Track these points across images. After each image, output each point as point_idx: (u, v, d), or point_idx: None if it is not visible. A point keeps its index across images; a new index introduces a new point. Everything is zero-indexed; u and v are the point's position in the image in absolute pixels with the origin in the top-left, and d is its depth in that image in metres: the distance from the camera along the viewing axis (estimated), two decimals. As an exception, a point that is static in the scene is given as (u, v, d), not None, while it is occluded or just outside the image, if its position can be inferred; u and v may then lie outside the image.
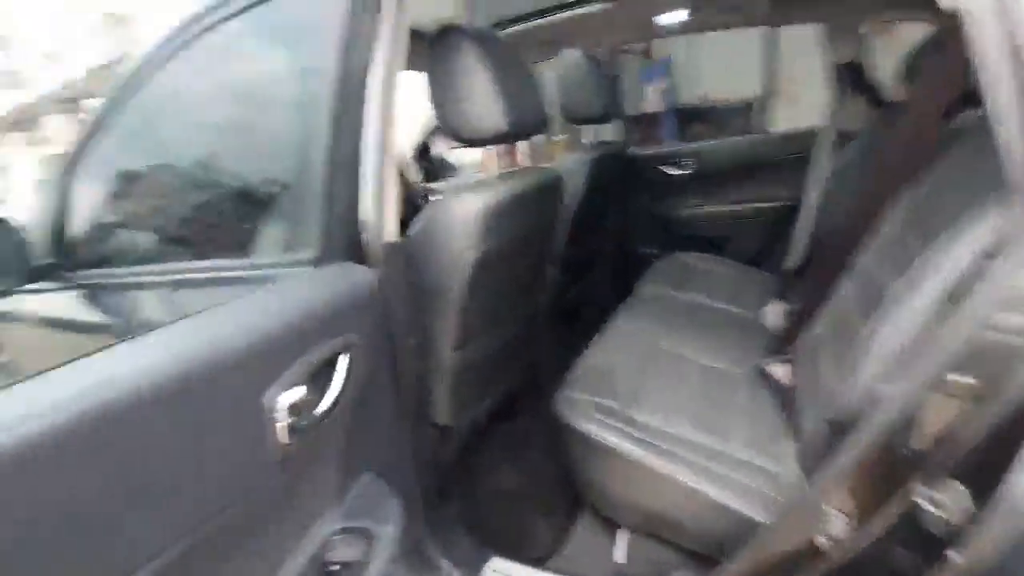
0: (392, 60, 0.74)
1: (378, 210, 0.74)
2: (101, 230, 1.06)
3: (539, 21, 1.56)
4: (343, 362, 0.67)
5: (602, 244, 1.87)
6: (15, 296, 0.98)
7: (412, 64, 0.88)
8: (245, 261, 0.84)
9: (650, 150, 2.13)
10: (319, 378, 0.64)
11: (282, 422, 0.58)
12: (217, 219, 0.90)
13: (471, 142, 0.87)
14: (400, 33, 0.75)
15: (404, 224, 0.82)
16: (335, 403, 0.66)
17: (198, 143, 0.95)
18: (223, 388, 0.54)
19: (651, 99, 4.07)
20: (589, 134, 2.28)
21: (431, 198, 2.10)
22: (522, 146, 2.62)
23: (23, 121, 15.85)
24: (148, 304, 0.92)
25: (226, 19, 0.86)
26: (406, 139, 2.24)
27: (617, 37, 2.06)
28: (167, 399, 0.49)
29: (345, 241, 0.73)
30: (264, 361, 0.58)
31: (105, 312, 0.95)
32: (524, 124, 0.89)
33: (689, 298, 1.53)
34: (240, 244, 0.86)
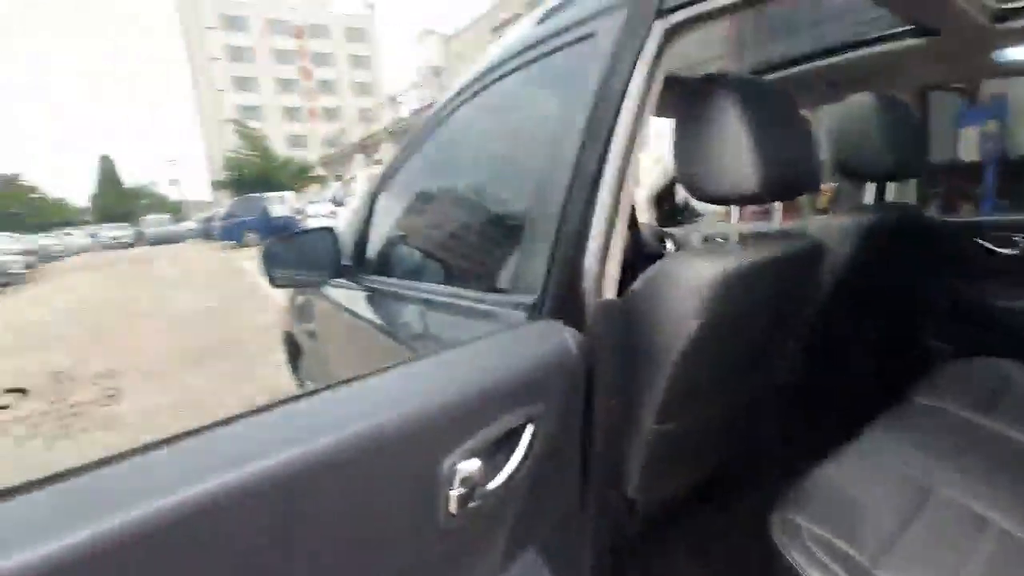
0: (639, 114, 0.73)
1: (601, 265, 0.72)
2: (387, 242, 1.33)
3: (827, 61, 1.36)
4: (527, 433, 0.63)
5: (867, 328, 1.50)
6: (327, 286, 1.29)
7: (664, 111, 0.86)
8: (474, 293, 0.91)
9: (963, 217, 1.63)
10: (499, 447, 0.62)
11: (455, 491, 0.56)
12: (463, 248, 1.03)
13: (712, 200, 0.80)
14: (654, 86, 0.74)
15: (629, 268, 0.79)
16: (511, 476, 0.62)
17: (471, 177, 1.10)
18: (409, 449, 0.53)
19: (968, 146, 3.12)
20: (870, 191, 1.88)
21: (665, 244, 2.03)
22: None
23: (368, 146, 21.75)
24: (403, 317, 1.09)
25: (509, 73, 0.98)
26: (647, 179, 2.23)
27: (933, 77, 1.65)
28: (355, 453, 0.48)
29: (564, 289, 0.74)
30: (453, 425, 0.56)
31: (376, 314, 1.16)
32: (780, 186, 0.77)
33: (998, 427, 1.10)
34: (475, 275, 0.96)
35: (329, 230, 1.28)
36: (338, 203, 12.39)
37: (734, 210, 0.94)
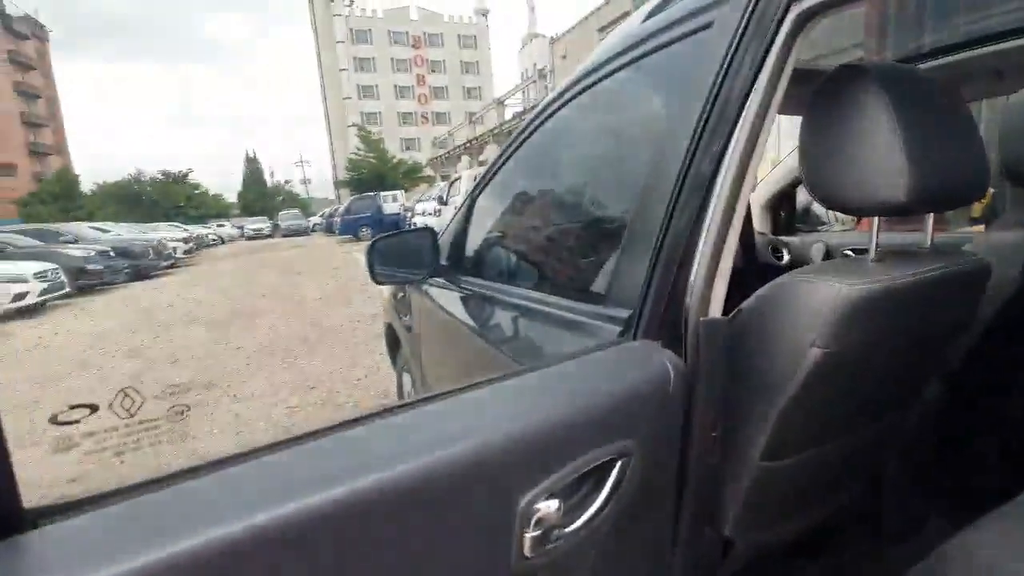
0: (764, 113, 0.65)
1: (708, 280, 0.65)
2: (483, 244, 1.34)
3: (994, 47, 1.14)
4: (615, 471, 0.58)
5: None
6: (425, 284, 1.34)
7: (788, 107, 0.76)
8: (568, 302, 0.87)
9: None
10: (582, 483, 0.56)
11: (531, 533, 0.51)
12: (558, 253, 1.00)
13: (848, 211, 0.69)
14: (782, 80, 0.65)
15: (736, 283, 0.71)
16: (594, 516, 0.56)
17: (570, 180, 1.07)
18: (483, 484, 0.49)
19: None
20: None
21: (781, 254, 1.84)
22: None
23: (472, 148, 22.60)
24: (494, 320, 1.08)
25: (613, 72, 0.92)
26: (761, 181, 2.04)
27: None
28: (424, 484, 0.45)
29: (663, 305, 0.67)
30: (534, 459, 0.52)
31: (468, 315, 1.17)
32: (937, 195, 0.65)
33: None
34: (570, 283, 0.93)
35: (429, 230, 1.33)
36: (443, 202, 12.99)
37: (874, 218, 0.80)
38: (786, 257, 1.90)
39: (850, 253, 1.69)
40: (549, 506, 0.51)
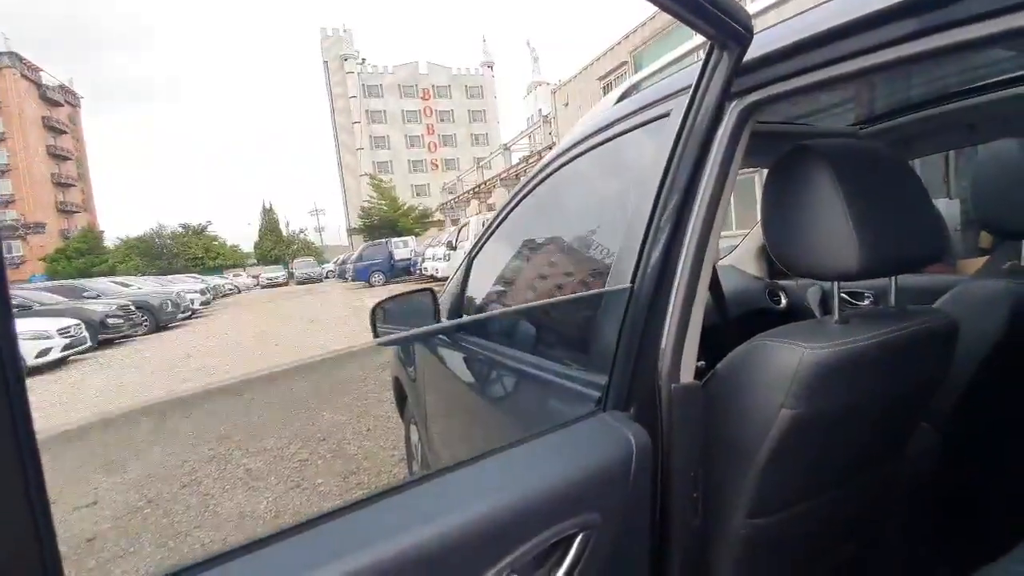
0: (716, 195, 0.70)
1: (677, 347, 0.68)
2: (479, 305, 1.40)
3: (962, 103, 1.20)
4: (576, 545, 0.58)
5: None
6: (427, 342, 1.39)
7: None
8: (555, 366, 0.90)
9: None
10: (546, 560, 0.57)
11: None
12: (544, 319, 1.05)
13: (808, 276, 0.74)
14: (733, 166, 0.71)
15: (730, 325, 0.73)
16: None
17: (555, 250, 1.12)
18: (443, 568, 0.50)
19: None
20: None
21: (779, 299, 1.86)
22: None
23: (481, 192, 23.10)
24: (485, 380, 1.12)
25: (588, 150, 0.98)
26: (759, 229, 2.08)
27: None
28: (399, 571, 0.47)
29: (631, 374, 0.70)
30: (499, 536, 0.53)
31: (461, 373, 1.21)
32: (889, 261, 0.69)
33: None
34: (554, 348, 0.97)
35: (429, 290, 1.39)
36: (452, 247, 13.22)
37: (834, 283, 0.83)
38: (783, 301, 1.92)
39: (846, 297, 1.71)
40: None
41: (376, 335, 1.39)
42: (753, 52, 0.65)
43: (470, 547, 0.52)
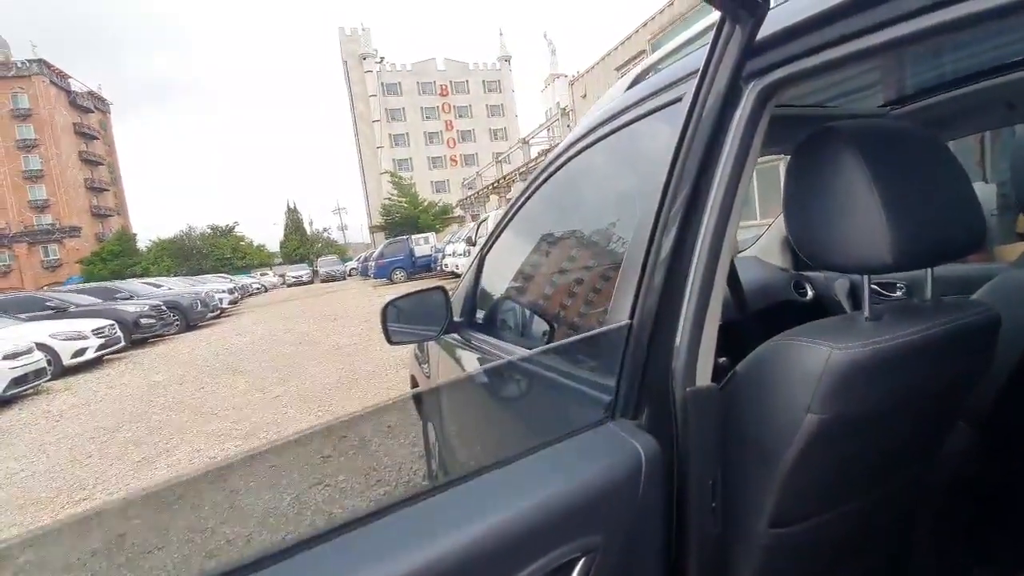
0: (733, 182, 0.65)
1: (692, 347, 0.64)
2: (491, 302, 1.37)
3: (1002, 78, 1.11)
4: (578, 571, 0.56)
5: None
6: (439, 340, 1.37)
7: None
8: (565, 366, 0.85)
9: None
10: None
11: None
12: (555, 317, 1.01)
13: (835, 270, 0.68)
14: (751, 152, 0.66)
15: (754, 319, 0.68)
16: None
17: (568, 244, 1.08)
18: None
19: None
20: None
21: (805, 291, 1.78)
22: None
23: (500, 186, 23.07)
24: (495, 379, 1.08)
25: (598, 140, 0.94)
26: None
27: None
28: None
29: (643, 378, 0.66)
30: (496, 562, 0.51)
31: (479, 373, 1.18)
32: (923, 253, 0.63)
33: None
34: (565, 348, 0.93)
35: (441, 288, 1.37)
36: (471, 242, 13.22)
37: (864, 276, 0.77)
38: (810, 293, 1.83)
39: (876, 288, 1.62)
40: None
41: (387, 335, 1.37)
42: (770, 27, 0.60)
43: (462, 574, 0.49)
